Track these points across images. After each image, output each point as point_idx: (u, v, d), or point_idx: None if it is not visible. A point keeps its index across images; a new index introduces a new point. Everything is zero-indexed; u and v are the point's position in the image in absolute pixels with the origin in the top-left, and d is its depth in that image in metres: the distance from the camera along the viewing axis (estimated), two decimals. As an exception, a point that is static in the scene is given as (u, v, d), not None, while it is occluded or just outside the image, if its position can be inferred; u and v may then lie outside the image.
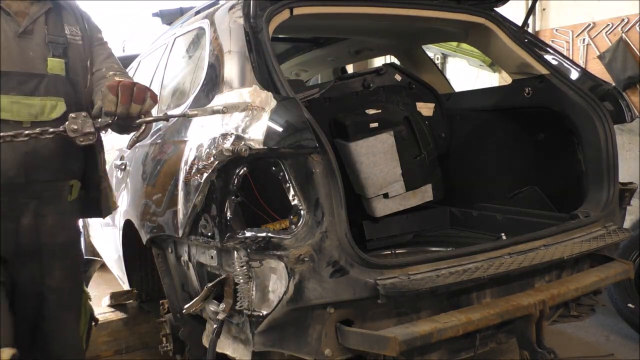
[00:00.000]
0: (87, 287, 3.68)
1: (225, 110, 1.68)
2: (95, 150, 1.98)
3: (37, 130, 1.48)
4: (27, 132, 1.48)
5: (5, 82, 1.67)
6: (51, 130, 1.48)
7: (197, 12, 2.69)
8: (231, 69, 2.00)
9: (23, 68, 1.73)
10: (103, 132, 1.65)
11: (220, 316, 1.77)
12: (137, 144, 1.76)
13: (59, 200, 1.88)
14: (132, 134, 1.64)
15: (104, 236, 3.64)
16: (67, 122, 1.48)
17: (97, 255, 4.51)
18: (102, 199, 2.05)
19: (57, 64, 1.80)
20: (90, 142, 1.52)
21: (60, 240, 1.89)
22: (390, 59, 5.36)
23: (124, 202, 2.63)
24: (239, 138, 1.63)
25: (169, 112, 2.38)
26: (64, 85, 1.82)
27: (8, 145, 1.59)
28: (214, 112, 1.68)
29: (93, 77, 1.95)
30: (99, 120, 1.54)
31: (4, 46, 1.70)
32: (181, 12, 3.13)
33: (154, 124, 1.98)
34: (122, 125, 1.64)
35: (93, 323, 2.28)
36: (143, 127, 1.58)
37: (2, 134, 1.44)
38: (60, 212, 1.88)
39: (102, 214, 2.08)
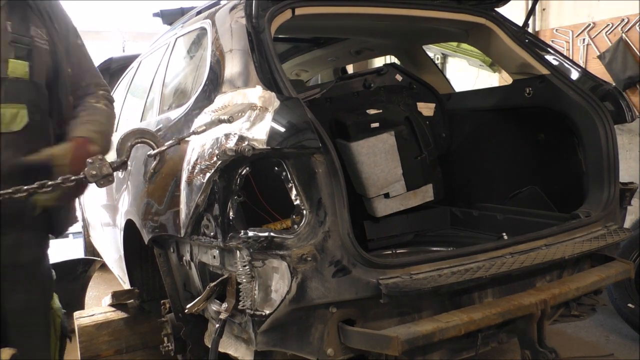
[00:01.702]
0: (85, 289, 3.71)
1: (232, 119, 1.68)
2: None
3: (59, 179, 1.41)
4: (50, 182, 1.39)
5: None
6: (73, 178, 1.42)
7: (199, 12, 2.69)
8: (233, 69, 2.00)
9: None
10: (120, 171, 1.60)
11: (223, 316, 1.77)
12: (138, 144, 1.77)
13: (21, 216, 1.67)
14: (150, 164, 1.61)
15: (104, 236, 3.64)
16: (85, 168, 1.43)
17: (97, 255, 4.52)
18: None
19: (19, 67, 1.57)
20: (109, 183, 1.48)
21: (24, 260, 1.71)
22: (390, 59, 5.37)
23: (125, 202, 2.63)
24: (242, 138, 1.64)
25: (168, 114, 2.40)
26: (27, 91, 1.60)
27: None
28: (220, 121, 1.68)
29: (77, 93, 1.77)
30: (114, 160, 1.52)
31: None
32: (182, 12, 3.13)
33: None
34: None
35: (67, 339, 2.11)
36: (159, 157, 1.57)
37: (26, 187, 1.37)
38: (23, 229, 1.69)
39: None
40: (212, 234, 1.77)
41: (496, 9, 2.79)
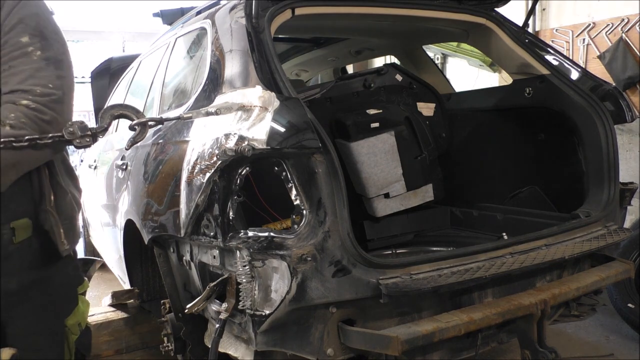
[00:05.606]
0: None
1: (219, 112, 1.68)
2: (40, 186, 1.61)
3: (36, 135, 1.35)
4: (27, 137, 1.31)
5: None
6: (50, 135, 1.37)
7: (198, 13, 2.70)
8: (233, 69, 2.00)
9: None
10: (100, 136, 1.49)
11: (223, 316, 1.77)
12: (139, 144, 1.76)
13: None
14: (131, 135, 1.54)
15: (104, 236, 3.64)
16: (64, 128, 1.38)
17: (97, 255, 4.52)
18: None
19: None
20: (87, 145, 1.42)
21: (13, 287, 1.58)
22: (390, 59, 5.37)
23: (125, 202, 2.63)
24: (242, 138, 1.64)
25: (167, 114, 2.39)
26: None
27: None
28: (208, 114, 1.67)
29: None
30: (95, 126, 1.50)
31: None
32: (182, 12, 3.14)
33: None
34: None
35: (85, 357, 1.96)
36: (139, 129, 1.54)
37: (2, 139, 1.29)
38: (5, 258, 1.55)
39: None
40: (212, 234, 1.77)
41: (496, 9, 2.79)
